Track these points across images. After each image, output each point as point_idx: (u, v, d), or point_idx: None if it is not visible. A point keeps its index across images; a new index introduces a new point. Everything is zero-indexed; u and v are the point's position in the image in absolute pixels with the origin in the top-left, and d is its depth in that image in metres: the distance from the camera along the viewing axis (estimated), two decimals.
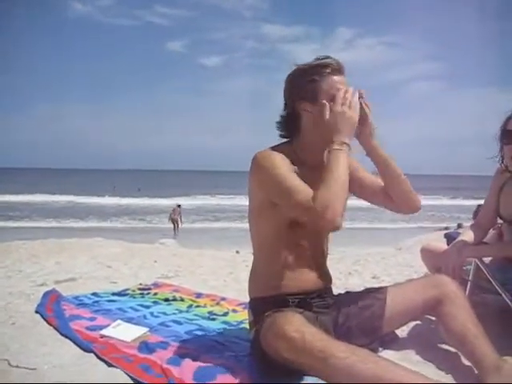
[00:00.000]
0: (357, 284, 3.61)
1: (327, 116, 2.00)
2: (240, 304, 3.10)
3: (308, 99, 2.05)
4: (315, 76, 2.03)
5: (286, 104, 2.14)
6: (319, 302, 2.15)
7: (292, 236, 2.08)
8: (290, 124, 2.14)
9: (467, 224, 3.28)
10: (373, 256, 5.56)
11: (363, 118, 2.09)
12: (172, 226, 20.50)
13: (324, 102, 2.01)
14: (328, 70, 2.04)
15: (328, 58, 2.08)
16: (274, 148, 2.11)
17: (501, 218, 2.71)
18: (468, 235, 2.66)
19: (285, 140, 2.18)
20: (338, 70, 2.06)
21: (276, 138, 2.21)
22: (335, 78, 2.05)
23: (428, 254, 2.94)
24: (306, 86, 2.04)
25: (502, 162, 2.59)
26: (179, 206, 21.91)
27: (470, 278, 2.64)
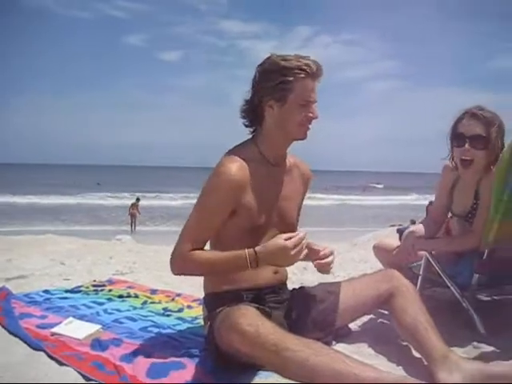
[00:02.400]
0: (312, 279, 3.64)
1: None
2: (195, 300, 3.08)
3: (276, 98, 2.02)
4: (289, 77, 1.98)
5: (252, 92, 2.10)
6: (273, 297, 2.16)
7: (250, 237, 2.08)
8: (253, 115, 2.13)
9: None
10: None
11: None
12: (130, 221, 20.21)
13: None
14: (303, 74, 1.99)
15: (307, 58, 2.02)
16: (238, 149, 2.11)
17: (453, 213, 2.78)
18: (418, 228, 2.73)
19: (250, 135, 2.18)
20: (315, 74, 2.02)
21: (237, 135, 2.21)
22: (309, 83, 2.01)
23: (381, 251, 3.00)
24: (277, 84, 2.00)
25: (453, 161, 2.67)
26: (138, 200, 21.57)
27: (421, 272, 2.71)
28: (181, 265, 2.05)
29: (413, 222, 13.53)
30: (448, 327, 2.43)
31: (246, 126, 2.17)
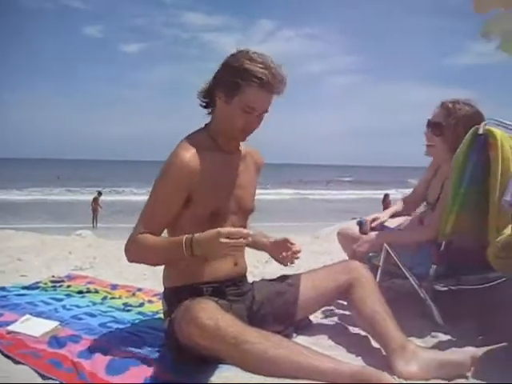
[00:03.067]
0: (274, 272, 3.63)
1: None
2: (156, 294, 3.05)
3: (224, 92, 2.03)
4: (242, 79, 1.97)
5: (213, 76, 2.11)
6: (234, 290, 2.16)
7: (207, 224, 2.06)
8: (207, 98, 2.14)
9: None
10: None
11: None
12: (92, 216, 19.90)
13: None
14: (257, 83, 1.96)
15: (274, 69, 1.98)
16: (191, 137, 2.12)
17: (427, 203, 2.85)
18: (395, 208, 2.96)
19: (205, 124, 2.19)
20: (272, 87, 1.99)
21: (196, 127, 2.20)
22: (261, 93, 1.99)
23: (344, 238, 3.05)
24: (230, 80, 1.99)
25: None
26: (100, 194, 21.25)
27: (381, 263, 2.76)
28: (132, 250, 2.06)
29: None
30: (407, 317, 2.49)
31: (202, 107, 2.18)
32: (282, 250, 2.25)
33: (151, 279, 3.45)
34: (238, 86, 1.97)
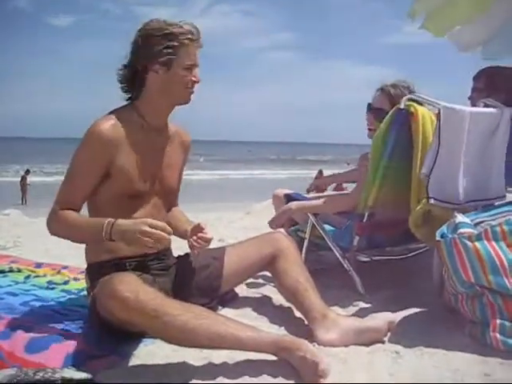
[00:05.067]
0: None
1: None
2: (82, 272, 2.96)
3: (161, 62, 2.01)
4: (174, 42, 2.00)
5: (133, 58, 2.07)
6: (157, 263, 2.15)
7: (129, 204, 2.07)
8: (133, 79, 2.09)
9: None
10: (221, 220, 5.66)
11: None
12: (21, 194, 19.21)
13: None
14: (187, 40, 2.02)
15: (189, 24, 2.06)
16: (114, 112, 2.07)
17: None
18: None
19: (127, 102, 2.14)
20: (197, 40, 2.06)
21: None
22: (192, 48, 2.05)
23: (277, 199, 3.11)
24: (162, 49, 2.00)
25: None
26: (28, 171, 20.59)
27: (306, 235, 2.82)
28: (54, 225, 2.03)
29: (308, 191, 14.04)
30: (331, 288, 2.57)
31: (125, 92, 2.14)
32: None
33: (78, 257, 3.36)
34: (173, 49, 2.01)
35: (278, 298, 2.42)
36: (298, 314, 2.22)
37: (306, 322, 2.09)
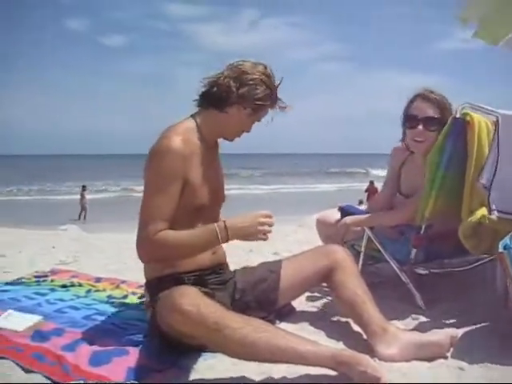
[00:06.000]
0: (258, 260, 3.66)
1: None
2: (140, 286, 3.04)
3: (252, 107, 2.10)
4: (271, 102, 2.13)
5: (226, 82, 2.08)
6: (215, 278, 2.18)
7: (188, 218, 2.09)
8: (212, 100, 2.13)
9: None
10: (275, 233, 5.63)
11: None
12: (80, 210, 19.61)
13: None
14: (271, 104, 2.15)
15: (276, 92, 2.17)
16: (179, 125, 2.12)
17: (401, 194, 2.85)
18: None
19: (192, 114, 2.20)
20: (276, 105, 2.17)
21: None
22: (268, 111, 2.17)
23: (321, 224, 3.07)
24: (262, 100, 2.10)
25: (404, 141, 2.74)
26: (84, 187, 20.95)
27: (362, 249, 2.79)
28: (150, 250, 2.00)
29: (360, 202, 13.83)
30: (388, 301, 2.53)
31: (198, 105, 2.19)
32: None
33: (135, 271, 3.44)
34: (264, 108, 2.13)
35: (336, 312, 2.40)
36: (355, 328, 2.19)
37: (365, 336, 2.07)
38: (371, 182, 17.49)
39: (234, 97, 2.08)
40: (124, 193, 27.90)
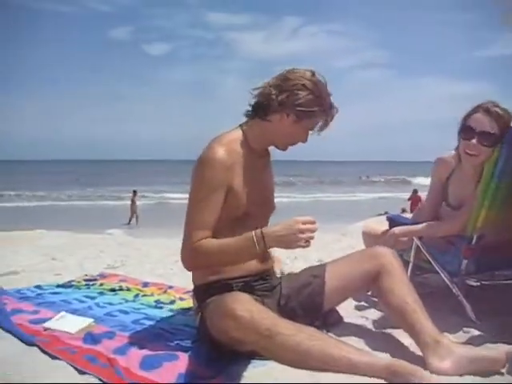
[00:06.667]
0: (302, 267, 3.67)
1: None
2: (187, 292, 3.09)
3: (298, 115, 2.06)
4: (319, 107, 2.07)
5: (276, 91, 2.08)
6: (262, 284, 2.18)
7: (236, 225, 2.10)
8: (261, 109, 2.13)
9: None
10: (318, 241, 5.62)
11: None
12: (131, 214, 19.68)
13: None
14: (322, 111, 2.09)
15: (330, 94, 2.12)
16: (225, 136, 2.13)
17: (448, 205, 2.79)
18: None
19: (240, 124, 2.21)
20: (331, 114, 2.12)
21: (223, 126, 2.23)
22: (323, 119, 2.11)
23: (367, 236, 3.03)
24: (307, 106, 2.05)
25: (457, 150, 2.68)
26: (135, 192, 20.92)
27: (411, 259, 2.74)
28: (193, 258, 2.03)
29: (403, 211, 13.62)
30: (438, 313, 2.46)
31: (250, 112, 2.18)
32: None
33: (182, 277, 3.48)
34: (313, 114, 2.07)
35: (384, 323, 2.37)
36: (404, 339, 2.15)
37: (413, 348, 2.03)
38: (414, 191, 17.17)
39: (274, 104, 2.07)
40: (162, 199, 28.12)
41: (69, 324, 2.43)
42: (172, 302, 2.95)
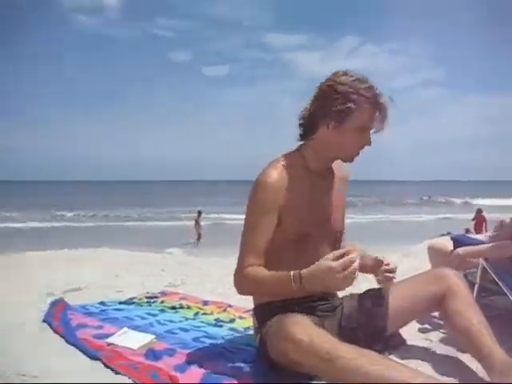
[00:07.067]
0: (363, 288, 3.59)
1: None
2: (247, 311, 3.09)
3: (334, 119, 2.00)
4: (353, 103, 1.95)
5: (314, 105, 2.07)
6: (324, 305, 2.15)
7: (295, 246, 2.08)
8: (308, 126, 2.11)
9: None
10: None
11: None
12: (196, 234, 19.89)
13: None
14: (367, 105, 1.97)
15: (373, 85, 1.99)
16: (282, 158, 2.11)
17: None
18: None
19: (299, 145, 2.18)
20: (378, 104, 1.99)
21: (281, 147, 2.22)
22: (370, 111, 1.99)
23: (434, 252, 2.96)
24: (339, 106, 1.97)
25: None
26: (200, 213, 21.07)
27: (477, 280, 2.65)
28: (242, 285, 2.05)
29: (467, 231, 13.19)
30: (506, 336, 2.36)
31: (300, 136, 2.16)
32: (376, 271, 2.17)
33: (242, 296, 3.49)
34: (350, 111, 1.97)
35: (448, 346, 2.29)
36: (470, 363, 2.07)
37: (480, 373, 1.94)
38: (479, 210, 16.61)
39: (312, 121, 2.06)
40: (219, 220, 28.22)
41: (131, 340, 2.48)
42: (232, 321, 2.95)
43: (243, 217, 2.09)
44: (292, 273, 1.85)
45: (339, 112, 1.97)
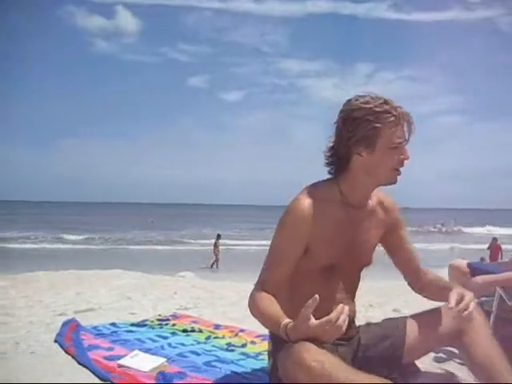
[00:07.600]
0: (378, 317, 3.55)
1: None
2: (259, 336, 3.07)
3: (364, 145, 1.96)
4: (377, 123, 1.92)
5: (338, 139, 2.02)
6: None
7: (322, 277, 2.05)
8: (338, 161, 2.05)
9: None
10: (394, 289, 5.48)
11: None
12: (214, 258, 19.65)
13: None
14: (392, 119, 1.93)
15: (390, 102, 1.95)
16: (316, 186, 2.07)
17: None
18: None
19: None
20: (403, 115, 1.95)
21: (300, 174, 2.20)
22: (397, 126, 1.94)
23: (455, 271, 2.92)
24: (365, 131, 1.93)
25: None
26: (219, 236, 21.02)
27: (493, 309, 2.61)
28: (250, 307, 2.02)
29: (482, 259, 13.06)
30: None
31: (330, 173, 2.10)
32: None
33: (255, 320, 3.46)
34: (378, 132, 1.93)
35: (465, 376, 2.24)
36: None
37: None
38: (494, 239, 16.50)
39: (341, 154, 2.01)
40: (233, 246, 28.20)
41: (142, 362, 2.47)
42: (243, 346, 2.93)
43: (257, 242, 2.07)
44: (283, 323, 1.81)
45: (367, 137, 1.94)
